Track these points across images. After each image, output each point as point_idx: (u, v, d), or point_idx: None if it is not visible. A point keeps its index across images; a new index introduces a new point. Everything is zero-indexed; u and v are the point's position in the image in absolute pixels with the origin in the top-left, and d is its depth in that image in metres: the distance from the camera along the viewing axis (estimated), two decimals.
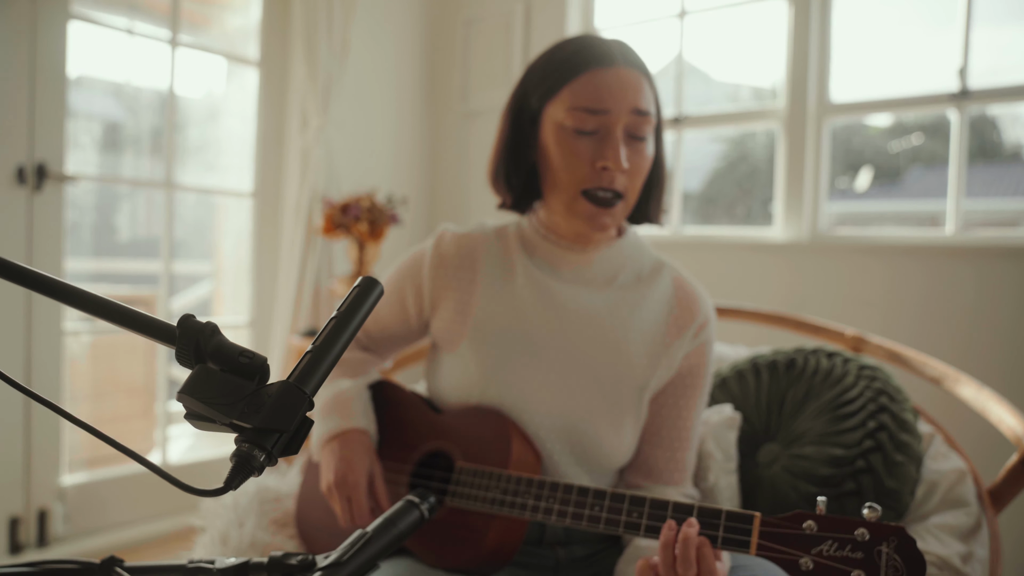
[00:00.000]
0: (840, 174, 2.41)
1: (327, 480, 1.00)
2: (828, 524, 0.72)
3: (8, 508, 2.18)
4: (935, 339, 2.10)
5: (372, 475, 1.01)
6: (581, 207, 0.97)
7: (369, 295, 0.59)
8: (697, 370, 1.05)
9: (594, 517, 0.86)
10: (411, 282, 1.10)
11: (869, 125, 2.38)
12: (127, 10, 2.59)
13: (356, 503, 0.98)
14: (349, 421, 1.03)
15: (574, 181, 0.97)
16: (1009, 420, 1.11)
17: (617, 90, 0.95)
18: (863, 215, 2.42)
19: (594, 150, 0.96)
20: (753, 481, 1.20)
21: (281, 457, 0.52)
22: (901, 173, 2.31)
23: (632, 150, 0.97)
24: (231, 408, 0.51)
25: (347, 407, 1.05)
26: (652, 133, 1.00)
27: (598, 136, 0.96)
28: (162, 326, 0.56)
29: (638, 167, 0.98)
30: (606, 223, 0.98)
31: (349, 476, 0.98)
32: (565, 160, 0.97)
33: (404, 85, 3.17)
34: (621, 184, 0.97)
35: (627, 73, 0.97)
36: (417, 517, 0.80)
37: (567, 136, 0.97)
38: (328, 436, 1.03)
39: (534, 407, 0.99)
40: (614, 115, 0.95)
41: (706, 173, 2.71)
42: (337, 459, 1.00)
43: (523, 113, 1.03)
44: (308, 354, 0.55)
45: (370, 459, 1.01)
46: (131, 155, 3.07)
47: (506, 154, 1.04)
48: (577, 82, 0.96)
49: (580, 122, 0.95)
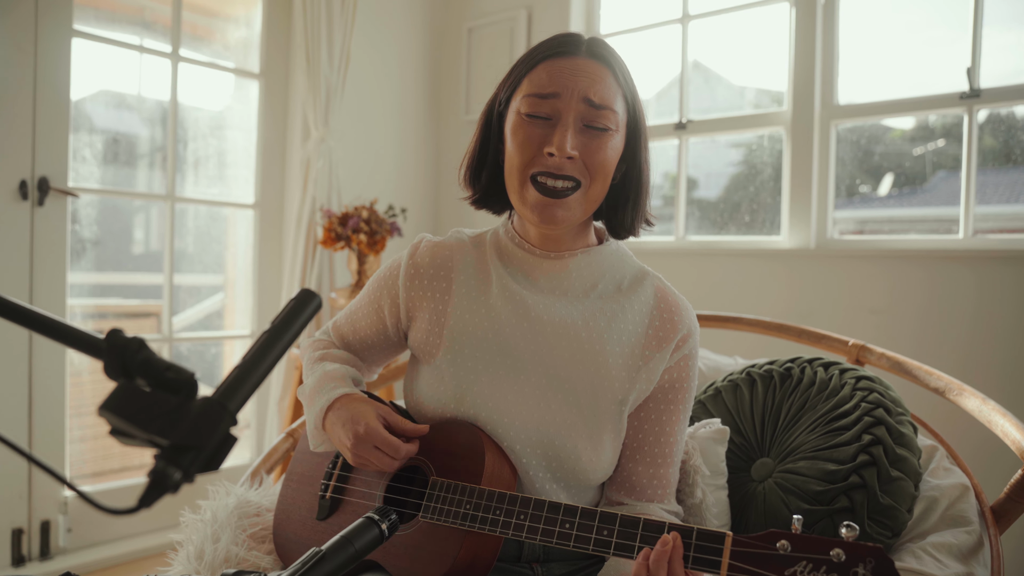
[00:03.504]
0: (862, 180, 2.36)
1: (347, 446, 0.94)
2: (803, 544, 0.68)
3: (11, 520, 2.19)
4: (947, 347, 2.04)
5: (382, 415, 0.96)
6: (530, 194, 0.95)
7: (304, 309, 0.57)
8: (679, 383, 1.02)
9: (564, 534, 0.83)
10: (387, 292, 1.08)
11: (892, 129, 2.32)
12: (129, 25, 2.62)
13: (385, 445, 0.92)
14: (337, 390, 1.00)
15: (522, 164, 0.95)
16: (1014, 433, 1.05)
17: (568, 75, 0.93)
18: (885, 221, 2.36)
19: (542, 135, 0.94)
20: (746, 496, 1.16)
21: (201, 474, 0.50)
22: (925, 178, 2.25)
23: (588, 139, 0.94)
24: (150, 423, 0.49)
25: (334, 380, 1.02)
26: (620, 130, 0.97)
27: (550, 122, 0.94)
28: (90, 340, 0.54)
29: (598, 160, 0.94)
30: (557, 215, 0.94)
31: (360, 428, 0.93)
32: (516, 144, 0.95)
33: (407, 94, 3.17)
34: (575, 171, 0.93)
35: (586, 63, 0.95)
36: (376, 535, 0.77)
37: (520, 121, 0.95)
38: (323, 411, 0.99)
39: (509, 420, 0.96)
40: (563, 100, 0.93)
41: (725, 179, 2.67)
42: (341, 424, 0.95)
43: (493, 111, 1.03)
44: (235, 368, 0.52)
45: (372, 405, 0.97)
46: (145, 168, 3.10)
47: (475, 151, 1.05)
48: (534, 71, 0.96)
49: (532, 107, 0.94)
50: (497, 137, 1.02)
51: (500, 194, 1.05)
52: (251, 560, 1.07)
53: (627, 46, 2.91)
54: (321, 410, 0.99)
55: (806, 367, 1.26)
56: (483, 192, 1.05)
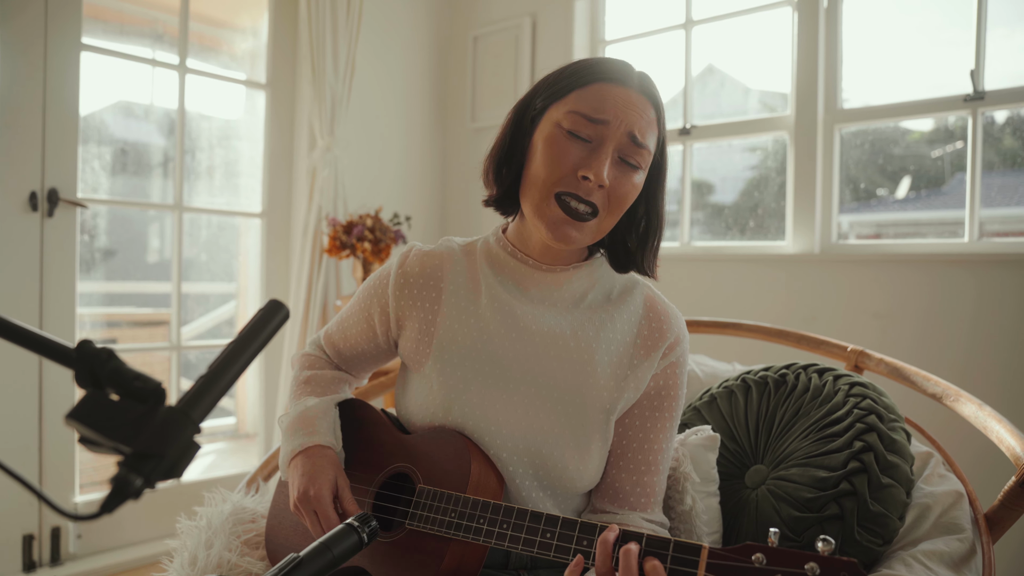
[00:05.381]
0: (880, 182, 2.34)
1: (293, 497, 0.98)
2: (778, 557, 0.68)
3: (22, 526, 2.22)
4: (951, 352, 2.01)
5: (337, 487, 0.98)
6: (551, 210, 0.94)
7: (272, 319, 0.57)
8: (666, 391, 1.01)
9: (545, 544, 0.83)
10: (377, 301, 1.09)
11: (911, 132, 2.30)
12: (140, 37, 2.67)
13: (323, 516, 0.95)
14: (312, 438, 1.02)
15: (551, 180, 0.93)
16: (1009, 440, 1.04)
17: (622, 106, 0.93)
18: (902, 224, 2.33)
19: (580, 157, 0.93)
20: (739, 504, 1.15)
21: (163, 481, 0.51)
22: (944, 180, 2.22)
23: (620, 173, 0.94)
24: (114, 431, 0.50)
25: (312, 424, 1.04)
26: (646, 169, 0.97)
27: (590, 146, 0.93)
28: (61, 349, 0.56)
29: (621, 193, 0.94)
30: (571, 235, 0.94)
31: (311, 490, 0.96)
32: (549, 157, 0.94)
33: (413, 103, 3.20)
34: (598, 200, 0.93)
35: (638, 98, 0.94)
36: (355, 541, 0.78)
37: (559, 135, 0.94)
38: (292, 454, 1.02)
39: (496, 429, 0.97)
40: (611, 128, 0.92)
41: (741, 184, 2.66)
42: (300, 475, 0.98)
43: (526, 112, 1.00)
44: (201, 378, 0.54)
45: (334, 471, 0.99)
46: (159, 178, 3.15)
47: (501, 149, 1.02)
48: (586, 89, 0.95)
49: (576, 126, 0.93)
50: (524, 140, 1.00)
51: (514, 196, 1.03)
52: (243, 565, 1.08)
53: (631, 53, 2.91)
54: (292, 452, 1.02)
55: (801, 373, 1.25)
56: (504, 192, 1.03)
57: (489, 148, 1.05)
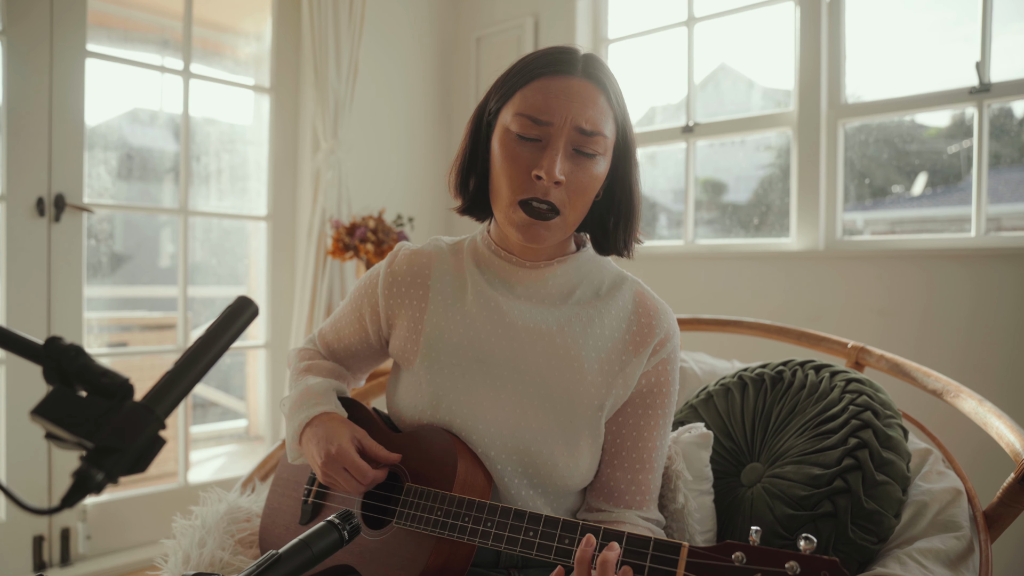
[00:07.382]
0: (895, 179, 2.31)
1: (318, 464, 0.96)
2: (758, 556, 0.67)
3: (32, 527, 2.25)
4: (955, 348, 1.98)
5: (356, 438, 0.98)
6: (517, 216, 0.94)
7: (239, 317, 0.58)
8: (657, 388, 1.00)
9: (528, 542, 0.83)
10: (368, 300, 1.09)
11: (927, 128, 2.26)
12: (145, 43, 2.69)
13: (353, 469, 0.94)
14: (319, 407, 1.01)
15: (511, 189, 0.94)
16: (1008, 435, 1.02)
17: (564, 101, 0.92)
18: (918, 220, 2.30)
19: (532, 159, 0.92)
20: (734, 502, 1.14)
21: (126, 475, 0.51)
22: (960, 176, 2.19)
23: (575, 165, 0.93)
24: (78, 427, 0.50)
25: (316, 397, 1.03)
26: (608, 153, 0.96)
27: (540, 145, 0.93)
28: (30, 345, 0.56)
29: (579, 184, 0.93)
30: (541, 234, 0.94)
31: (331, 448, 0.95)
32: (504, 165, 0.94)
33: (416, 104, 3.20)
34: (556, 198, 0.92)
35: (581, 85, 0.93)
36: (335, 539, 0.78)
37: (510, 141, 0.94)
38: (300, 427, 1.01)
39: (484, 426, 0.96)
40: (556, 127, 0.92)
41: (754, 182, 2.63)
42: (315, 443, 0.97)
43: (483, 118, 1.01)
44: (166, 374, 0.54)
45: (348, 427, 0.98)
46: (171, 182, 3.19)
47: (464, 158, 1.03)
48: (529, 88, 0.94)
49: (523, 129, 0.93)
50: (485, 145, 1.01)
51: (485, 202, 1.04)
52: (235, 564, 1.09)
53: (634, 52, 2.90)
54: (300, 425, 1.01)
55: (797, 370, 1.24)
56: (471, 200, 1.04)
57: (453, 158, 1.05)
